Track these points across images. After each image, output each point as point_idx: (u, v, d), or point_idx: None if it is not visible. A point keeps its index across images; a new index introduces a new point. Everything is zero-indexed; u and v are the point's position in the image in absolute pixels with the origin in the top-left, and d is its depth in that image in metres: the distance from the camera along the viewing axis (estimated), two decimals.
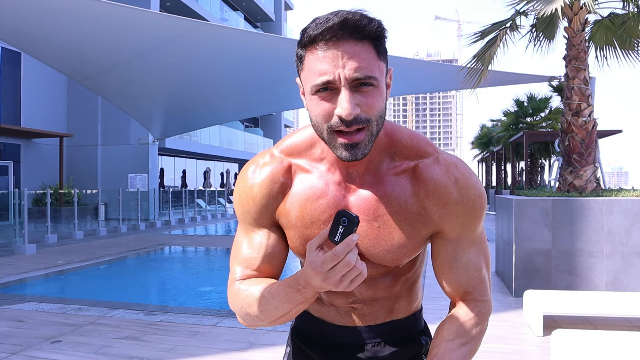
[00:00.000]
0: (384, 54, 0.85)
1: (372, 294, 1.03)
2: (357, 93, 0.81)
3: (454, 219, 0.94)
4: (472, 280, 1.00)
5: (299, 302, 0.86)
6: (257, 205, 0.99)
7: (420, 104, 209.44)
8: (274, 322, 0.94)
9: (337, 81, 0.80)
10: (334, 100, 0.82)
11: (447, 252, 0.98)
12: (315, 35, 0.80)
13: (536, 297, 4.12)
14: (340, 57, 0.79)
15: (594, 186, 5.70)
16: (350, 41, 0.80)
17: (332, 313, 1.08)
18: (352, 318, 1.06)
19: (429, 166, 0.94)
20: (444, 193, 0.93)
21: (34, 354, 3.60)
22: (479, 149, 29.26)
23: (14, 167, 16.75)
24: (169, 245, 10.99)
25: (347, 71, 0.79)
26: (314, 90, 0.83)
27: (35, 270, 7.34)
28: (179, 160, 24.87)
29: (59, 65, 11.75)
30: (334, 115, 0.82)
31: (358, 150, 0.84)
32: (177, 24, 9.38)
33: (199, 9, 22.01)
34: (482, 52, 6.57)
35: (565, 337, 2.62)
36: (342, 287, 0.79)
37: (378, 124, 0.85)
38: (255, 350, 3.68)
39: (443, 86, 16.41)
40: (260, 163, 1.01)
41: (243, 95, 14.07)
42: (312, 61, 0.82)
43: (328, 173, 0.96)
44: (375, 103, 0.83)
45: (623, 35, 6.21)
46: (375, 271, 1.00)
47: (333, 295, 1.05)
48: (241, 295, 0.96)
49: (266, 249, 1.00)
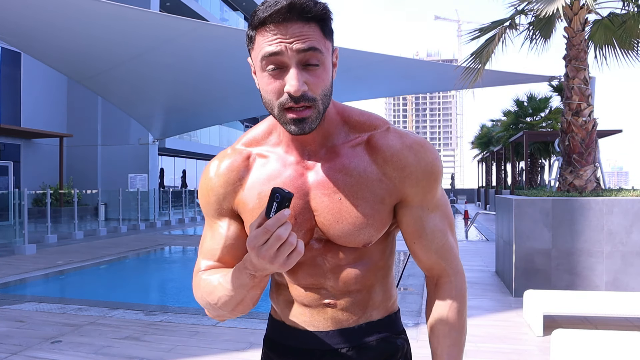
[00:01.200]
0: (329, 34, 0.89)
1: (343, 286, 1.01)
2: (304, 72, 0.85)
3: (415, 182, 0.96)
4: (441, 249, 1.02)
5: (249, 285, 0.87)
6: (216, 195, 1.01)
7: (420, 104, 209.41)
8: (233, 312, 0.94)
9: (285, 59, 0.84)
10: (283, 78, 0.85)
11: (414, 219, 0.99)
12: (265, 17, 0.84)
13: (536, 297, 4.12)
14: (288, 34, 0.83)
15: (594, 186, 5.70)
16: (298, 22, 0.84)
17: (305, 316, 1.04)
18: (326, 320, 1.03)
19: (382, 135, 0.97)
20: (401, 157, 0.95)
21: (34, 354, 3.60)
22: (479, 149, 29.26)
23: (14, 167, 16.76)
24: (169, 245, 10.99)
25: (295, 49, 0.83)
26: (263, 67, 0.86)
27: (35, 270, 7.34)
28: (179, 160, 24.87)
29: (59, 65, 11.75)
30: (283, 92, 0.86)
31: (306, 125, 0.87)
32: (177, 24, 9.38)
33: (199, 9, 22.01)
34: (480, 50, 6.57)
35: (565, 337, 2.62)
36: (278, 263, 0.78)
37: (324, 102, 0.88)
38: (255, 350, 3.68)
39: (443, 86, 16.40)
40: (221, 157, 1.04)
41: (243, 95, 14.06)
42: (261, 40, 0.86)
43: (285, 155, 0.99)
44: (321, 82, 0.87)
45: (623, 35, 6.21)
46: (343, 257, 0.99)
47: (303, 294, 1.02)
48: (201, 285, 0.98)
49: (226, 240, 1.01)
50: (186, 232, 14.44)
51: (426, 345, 4.19)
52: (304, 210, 0.97)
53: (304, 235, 0.98)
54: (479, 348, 3.70)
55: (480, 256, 8.18)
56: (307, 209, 0.97)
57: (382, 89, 15.56)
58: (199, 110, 15.08)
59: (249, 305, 0.93)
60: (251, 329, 4.21)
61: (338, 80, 8.61)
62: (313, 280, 1.01)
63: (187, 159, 25.37)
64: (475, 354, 3.59)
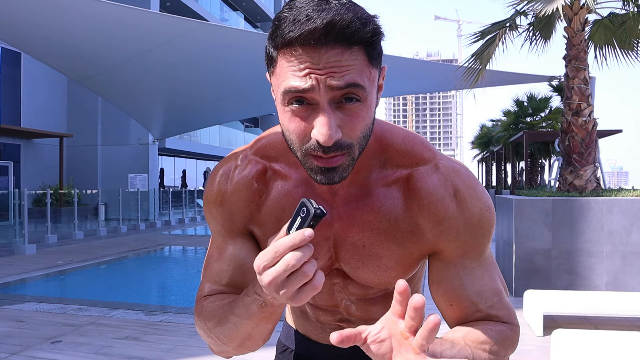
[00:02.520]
0: (377, 58, 0.69)
1: (363, 314, 0.91)
2: (339, 111, 0.66)
3: (454, 237, 0.79)
4: (495, 305, 0.81)
5: (258, 317, 0.73)
6: (227, 212, 0.86)
7: (420, 104, 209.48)
8: (239, 348, 0.82)
9: (315, 95, 0.65)
10: (310, 119, 0.67)
11: (451, 277, 0.81)
12: (292, 38, 0.63)
13: (536, 297, 4.12)
14: (321, 59, 0.63)
15: (594, 186, 5.70)
16: (336, 48, 0.64)
17: (317, 330, 0.99)
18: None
19: (424, 175, 0.79)
20: (440, 207, 0.78)
21: (34, 354, 3.60)
22: (479, 149, 29.26)
23: (14, 167, 16.76)
24: (169, 245, 10.99)
25: (330, 81, 0.64)
26: (286, 100, 0.67)
27: (35, 270, 7.34)
28: (179, 160, 24.88)
29: (59, 65, 11.75)
30: (310, 137, 0.67)
31: (335, 174, 0.70)
32: (177, 24, 9.38)
33: (199, 9, 22.02)
34: (480, 51, 6.58)
35: (565, 337, 2.62)
36: (286, 295, 0.62)
37: (361, 146, 0.71)
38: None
39: (443, 86, 16.41)
40: (232, 166, 0.87)
41: (243, 95, 14.07)
42: (285, 68, 0.66)
43: (308, 182, 0.82)
44: (360, 123, 0.68)
45: (623, 35, 6.21)
46: (363, 292, 0.89)
47: (318, 311, 0.95)
48: (204, 313, 0.83)
49: (237, 261, 0.86)
50: (186, 232, 14.44)
51: None
52: (326, 250, 0.84)
53: (324, 270, 0.86)
54: None
55: None
56: (328, 249, 0.84)
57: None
58: (199, 110, 15.08)
59: (257, 342, 0.80)
60: None
61: None
62: (329, 304, 0.92)
63: (187, 159, 25.38)
64: None
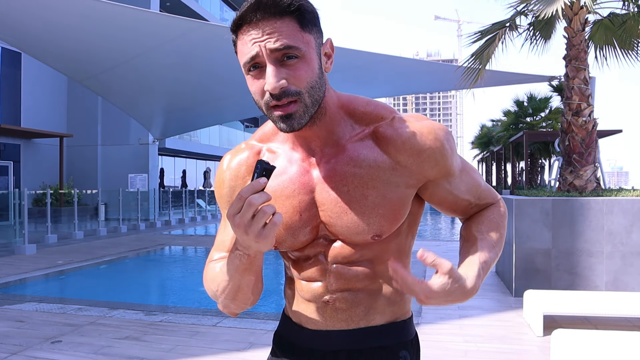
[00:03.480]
0: (309, 25, 0.86)
1: (343, 284, 0.98)
2: (283, 67, 0.83)
3: (435, 164, 0.94)
4: (481, 194, 1.05)
5: (241, 268, 0.87)
6: (227, 187, 1.03)
7: (420, 104, 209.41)
8: (235, 301, 0.94)
9: (261, 57, 0.83)
10: (263, 77, 0.84)
11: (445, 194, 0.99)
12: (237, 19, 0.85)
13: (536, 297, 4.12)
14: (261, 33, 0.82)
15: (594, 186, 5.70)
16: (269, 19, 0.82)
17: (307, 312, 1.03)
18: (325, 319, 1.00)
19: (389, 125, 0.94)
20: (414, 142, 0.92)
21: (34, 354, 3.60)
22: (479, 149, 29.26)
23: (14, 167, 16.76)
24: (169, 245, 10.99)
25: (269, 45, 0.82)
26: (246, 70, 0.86)
27: (35, 270, 7.34)
28: (179, 160, 24.88)
29: (59, 65, 11.75)
30: (265, 92, 0.84)
31: (294, 121, 0.86)
32: (177, 24, 9.38)
33: (199, 9, 22.02)
34: (480, 51, 6.57)
35: (565, 337, 2.62)
36: (253, 233, 0.77)
37: (312, 95, 0.86)
38: (255, 350, 3.68)
39: (443, 86, 16.40)
40: (235, 151, 1.05)
41: (243, 95, 14.05)
42: (240, 43, 0.86)
43: (292, 152, 0.98)
44: (302, 74, 0.84)
45: (623, 35, 6.21)
46: (348, 255, 0.97)
47: (305, 288, 1.01)
48: (207, 274, 1.00)
49: None
50: (186, 232, 14.44)
51: (429, 346, 4.14)
52: (310, 206, 0.95)
53: (310, 232, 0.97)
54: (479, 348, 3.70)
55: None
56: (313, 204, 0.95)
57: (382, 89, 15.55)
58: (199, 110, 15.08)
59: (247, 295, 0.93)
60: (251, 329, 4.21)
61: (338, 80, 8.63)
62: (315, 275, 1.00)
63: (187, 159, 25.38)
64: (475, 354, 3.59)
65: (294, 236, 0.97)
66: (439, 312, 4.67)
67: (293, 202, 0.96)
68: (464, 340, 3.88)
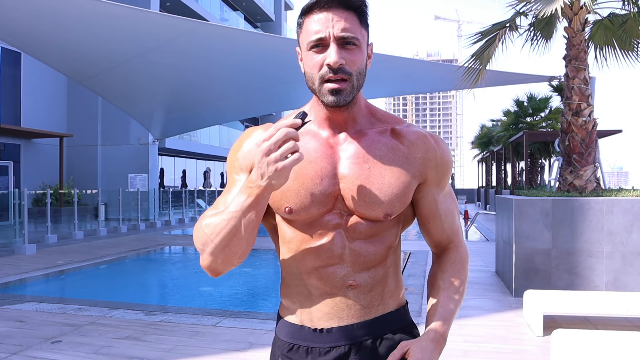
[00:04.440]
0: (365, 24, 1.03)
1: (363, 262, 1.05)
2: (342, 50, 0.99)
3: (434, 166, 1.08)
4: (452, 227, 1.16)
5: (247, 204, 0.94)
6: (244, 149, 1.09)
7: (420, 104, 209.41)
8: (226, 248, 0.97)
9: (327, 38, 0.98)
10: (324, 54, 0.99)
11: (430, 201, 1.11)
12: (312, 4, 1.00)
13: (536, 297, 4.12)
14: (330, 19, 0.98)
15: (594, 186, 5.69)
16: (339, 9, 0.99)
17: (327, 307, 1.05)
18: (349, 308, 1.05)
19: (405, 126, 1.10)
20: (425, 142, 1.09)
21: (34, 354, 3.60)
22: (479, 149, 29.25)
23: (14, 167, 16.75)
24: (169, 245, 10.99)
25: (336, 30, 0.98)
26: (309, 47, 1.00)
27: (35, 270, 7.34)
28: (179, 160, 24.87)
29: (59, 65, 11.75)
30: (324, 65, 0.98)
31: (341, 96, 0.99)
32: (177, 24, 9.38)
33: (199, 9, 22.01)
34: (480, 51, 6.57)
35: (565, 337, 2.62)
36: (275, 158, 0.88)
37: (358, 79, 1.01)
38: (255, 350, 3.68)
39: (443, 86, 16.39)
40: (264, 126, 1.11)
41: (243, 95, 14.07)
42: (308, 24, 1.00)
43: (318, 131, 1.08)
44: (356, 60, 1.00)
45: (623, 35, 6.21)
46: (363, 230, 1.04)
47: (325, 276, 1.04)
48: (203, 220, 1.02)
49: None
50: (186, 232, 14.44)
51: None
52: (331, 175, 1.03)
53: (328, 201, 1.03)
54: (479, 348, 3.70)
55: (480, 256, 8.18)
56: (334, 175, 1.04)
57: (382, 89, 15.55)
58: (199, 110, 15.08)
59: (242, 242, 0.97)
60: (251, 329, 4.21)
61: None
62: (333, 256, 1.04)
63: (187, 159, 25.37)
64: (475, 354, 3.59)
65: (313, 200, 1.02)
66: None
67: (315, 167, 1.03)
68: (464, 340, 3.88)
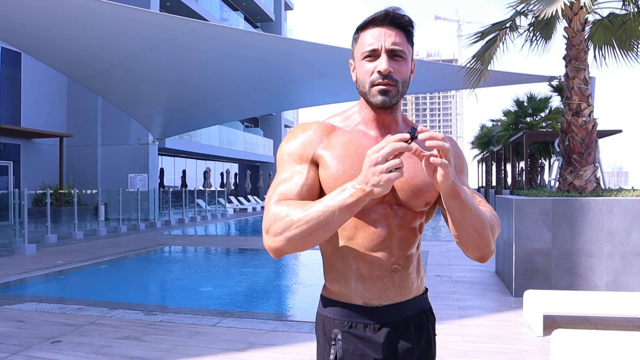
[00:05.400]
0: (411, 42, 1.20)
1: (406, 248, 1.19)
2: (391, 60, 1.15)
3: (457, 157, 1.23)
4: (481, 202, 1.23)
5: (346, 203, 1.02)
6: (306, 138, 1.20)
7: (420, 104, 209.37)
8: (307, 237, 1.05)
9: (379, 49, 1.14)
10: (375, 62, 1.15)
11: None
12: (368, 21, 1.17)
13: (536, 297, 4.12)
14: (383, 34, 1.15)
15: (594, 186, 5.69)
16: (390, 26, 1.16)
17: (378, 287, 1.18)
18: (395, 288, 1.19)
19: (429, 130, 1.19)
20: (456, 148, 1.25)
21: (34, 354, 3.60)
22: (479, 149, 29.24)
23: (14, 167, 16.75)
24: (169, 245, 10.99)
25: (387, 43, 1.14)
26: (363, 56, 1.16)
27: (35, 270, 7.34)
28: (179, 160, 24.87)
29: (59, 65, 11.75)
30: (374, 72, 1.15)
31: (388, 97, 1.15)
32: (176, 24, 9.38)
33: (198, 9, 22.01)
34: (481, 52, 6.57)
35: (565, 337, 2.62)
36: (381, 170, 0.96)
37: (403, 87, 1.16)
38: (255, 350, 3.68)
39: (443, 86, 16.41)
40: (308, 123, 1.24)
41: (243, 95, 14.08)
42: (364, 37, 1.18)
43: (366, 130, 1.22)
44: (402, 70, 1.16)
45: (622, 35, 6.21)
46: (407, 219, 1.19)
47: (375, 259, 1.17)
48: (284, 205, 1.09)
49: (305, 180, 1.16)
50: (186, 232, 14.44)
51: None
52: None
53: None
54: (479, 348, 3.70)
55: None
56: None
57: None
58: (199, 110, 15.09)
59: (325, 235, 1.06)
60: (251, 329, 4.21)
61: (337, 80, 8.64)
62: (383, 241, 1.17)
63: (187, 159, 25.37)
64: (475, 354, 3.59)
65: None
66: (438, 313, 4.67)
67: None
68: (464, 340, 3.88)
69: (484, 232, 1.13)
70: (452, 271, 6.81)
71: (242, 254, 10.12)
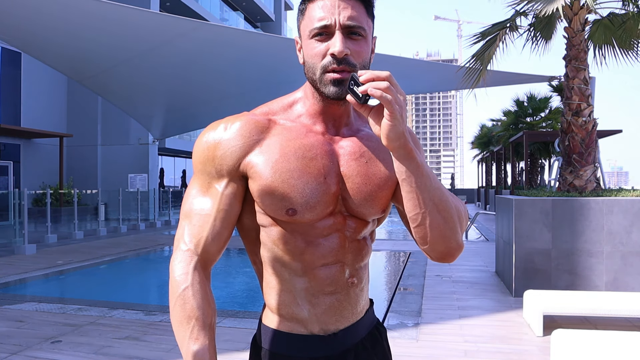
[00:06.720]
0: (371, 15, 0.97)
1: (359, 260, 1.05)
2: (347, 39, 0.92)
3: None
4: None
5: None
6: (224, 149, 0.96)
7: (420, 104, 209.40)
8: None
9: (332, 25, 0.91)
10: (328, 43, 0.92)
11: None
12: None
13: (536, 297, 4.12)
14: (336, 6, 0.91)
15: (594, 186, 5.69)
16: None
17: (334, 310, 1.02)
18: (351, 305, 1.04)
19: None
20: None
21: (34, 354, 3.60)
22: (479, 149, 29.24)
23: (14, 167, 16.75)
24: (169, 245, 10.99)
25: (342, 18, 0.91)
26: (312, 34, 0.93)
27: (35, 270, 7.34)
28: (179, 160, 24.88)
29: (59, 65, 11.75)
30: (327, 54, 0.92)
31: (343, 87, 0.92)
32: (177, 24, 9.38)
33: (199, 9, 22.02)
34: (481, 52, 6.57)
35: (565, 337, 2.62)
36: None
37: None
38: None
39: (443, 86, 16.40)
40: (231, 118, 1.00)
41: (243, 95, 14.07)
42: (312, 10, 0.94)
43: (312, 127, 1.01)
44: (361, 51, 0.93)
45: (622, 35, 6.21)
46: (359, 229, 1.03)
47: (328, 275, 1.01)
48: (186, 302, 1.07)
49: (218, 206, 0.96)
50: None
51: (429, 346, 4.13)
52: (333, 173, 0.99)
53: (331, 201, 0.98)
54: (479, 348, 3.70)
55: (480, 256, 8.17)
56: (337, 173, 0.99)
57: None
58: (199, 110, 15.08)
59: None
60: (251, 329, 4.21)
61: None
62: (335, 254, 1.01)
63: (187, 159, 25.38)
64: (475, 354, 3.59)
65: (319, 200, 0.96)
66: (439, 313, 4.67)
67: (317, 164, 0.97)
68: (464, 340, 3.88)
69: (448, 212, 0.92)
70: (452, 271, 6.81)
71: (242, 254, 10.12)
